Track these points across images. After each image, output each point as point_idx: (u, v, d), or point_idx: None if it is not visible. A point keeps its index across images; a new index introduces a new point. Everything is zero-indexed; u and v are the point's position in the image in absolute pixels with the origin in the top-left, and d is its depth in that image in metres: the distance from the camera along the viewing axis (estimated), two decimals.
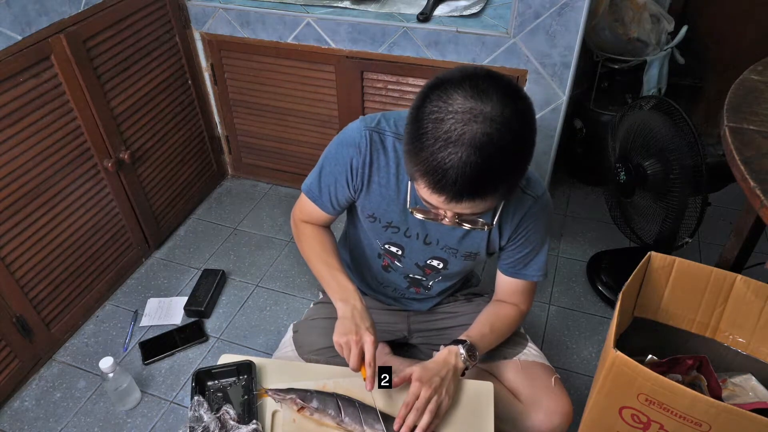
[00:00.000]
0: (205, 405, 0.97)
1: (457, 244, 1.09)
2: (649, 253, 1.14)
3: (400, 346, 1.37)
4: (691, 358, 1.15)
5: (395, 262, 1.19)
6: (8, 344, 1.57)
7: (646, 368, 0.92)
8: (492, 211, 0.96)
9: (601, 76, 2.13)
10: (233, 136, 2.33)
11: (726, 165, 1.09)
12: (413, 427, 0.94)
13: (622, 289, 1.06)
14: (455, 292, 1.34)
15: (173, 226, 2.19)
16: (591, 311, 1.86)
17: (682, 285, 1.16)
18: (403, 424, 0.94)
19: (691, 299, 1.17)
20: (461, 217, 0.89)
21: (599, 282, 1.91)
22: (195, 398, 0.99)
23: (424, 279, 1.21)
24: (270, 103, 2.14)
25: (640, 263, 1.13)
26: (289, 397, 0.99)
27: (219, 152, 2.38)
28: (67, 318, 1.76)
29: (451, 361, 1.02)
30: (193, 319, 1.84)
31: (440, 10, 1.76)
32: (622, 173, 1.63)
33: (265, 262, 2.06)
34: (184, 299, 1.88)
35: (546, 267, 1.13)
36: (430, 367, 1.01)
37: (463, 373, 1.04)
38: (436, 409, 0.96)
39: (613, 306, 1.83)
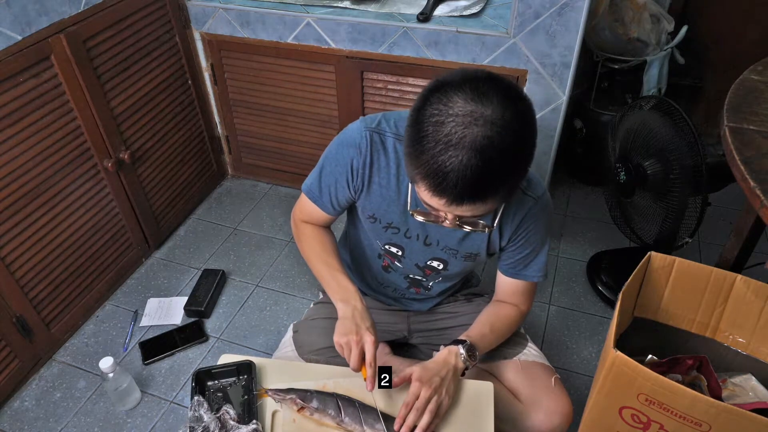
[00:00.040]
0: (205, 405, 0.97)
1: (458, 245, 1.09)
2: (649, 253, 1.14)
3: (400, 346, 1.37)
4: (691, 358, 1.15)
5: (395, 263, 1.19)
6: (8, 344, 1.58)
7: (646, 368, 0.92)
8: (492, 213, 0.95)
9: (601, 76, 2.12)
10: (233, 136, 2.33)
11: (726, 165, 1.09)
12: (413, 427, 0.94)
13: (622, 289, 1.06)
14: (455, 293, 1.34)
15: (173, 226, 2.19)
16: (591, 311, 1.86)
17: (682, 285, 1.16)
18: (403, 424, 0.95)
19: (691, 299, 1.17)
20: (462, 220, 0.89)
21: (599, 282, 1.91)
22: (195, 398, 0.99)
23: (424, 279, 1.21)
24: (270, 103, 2.14)
25: (640, 263, 1.13)
26: (289, 397, 0.99)
27: (219, 152, 2.38)
28: (67, 318, 1.76)
29: (451, 361, 1.02)
30: (193, 319, 1.84)
31: (440, 10, 1.76)
32: (622, 173, 1.63)
33: (265, 262, 2.07)
34: (184, 299, 1.88)
35: (546, 267, 1.14)
36: (430, 367, 1.01)
37: (463, 373, 1.04)
38: (436, 409, 0.96)
39: (613, 306, 1.83)
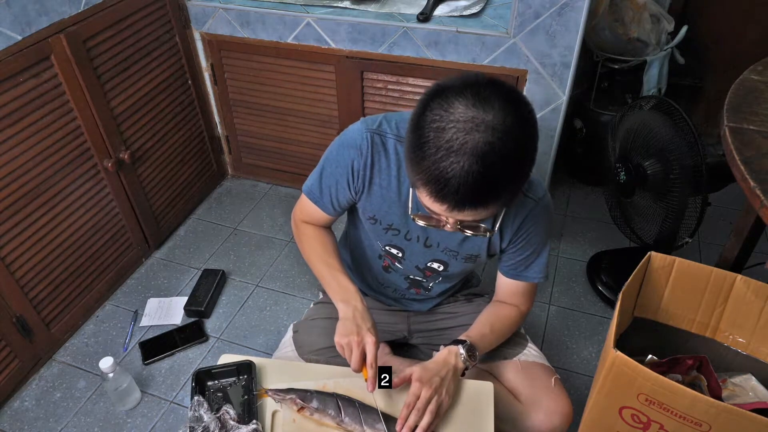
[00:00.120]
0: (205, 405, 0.97)
1: (458, 247, 1.09)
2: (649, 253, 1.14)
3: (400, 346, 1.37)
4: (691, 358, 1.15)
5: (396, 264, 1.19)
6: (8, 344, 1.58)
7: (646, 368, 0.92)
8: (493, 217, 0.95)
9: (601, 76, 2.12)
10: (233, 136, 2.33)
11: (726, 165, 1.09)
12: (414, 427, 0.94)
13: (622, 289, 1.06)
14: (455, 293, 1.34)
15: (173, 226, 2.19)
16: (591, 311, 1.86)
17: (682, 285, 1.16)
18: (405, 425, 0.94)
19: (691, 299, 1.17)
20: (463, 224, 0.89)
21: (599, 282, 1.91)
22: (195, 398, 0.99)
23: (425, 281, 1.21)
24: (270, 103, 2.14)
25: (640, 263, 1.13)
26: (289, 397, 0.99)
27: (219, 152, 2.38)
28: (67, 318, 1.76)
29: (451, 361, 1.03)
30: (193, 319, 1.84)
31: (440, 10, 1.76)
32: (622, 173, 1.63)
33: (265, 262, 2.07)
34: (184, 299, 1.88)
35: (547, 268, 1.13)
36: (430, 368, 1.01)
37: (463, 373, 1.04)
38: (437, 409, 0.96)
39: (613, 306, 1.83)
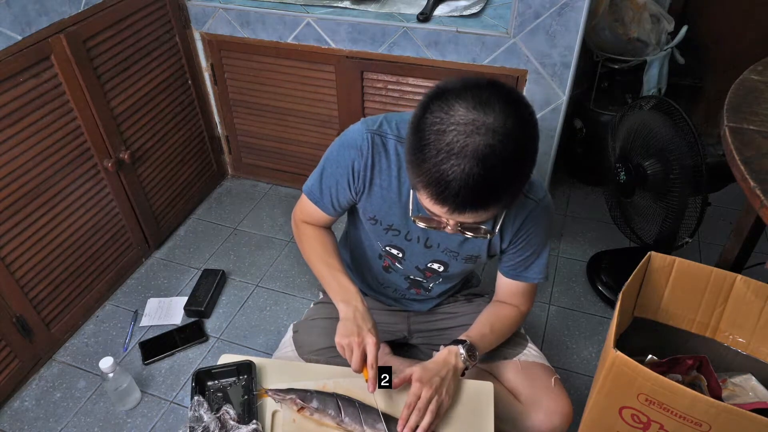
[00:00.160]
0: (205, 405, 0.97)
1: (458, 248, 1.09)
2: (649, 253, 1.14)
3: (400, 346, 1.37)
4: (691, 358, 1.15)
5: (396, 264, 1.19)
6: (8, 344, 1.58)
7: (646, 368, 0.92)
8: (493, 219, 0.95)
9: (601, 76, 2.12)
10: (233, 136, 2.33)
11: (726, 165, 1.09)
12: (415, 428, 0.94)
13: (622, 289, 1.06)
14: (455, 293, 1.34)
15: (173, 226, 2.19)
16: (591, 311, 1.86)
17: (682, 285, 1.16)
18: (406, 425, 0.94)
19: (691, 299, 1.17)
20: (463, 226, 0.89)
21: (599, 282, 1.91)
22: (195, 398, 0.99)
23: (425, 281, 1.21)
24: (270, 103, 2.14)
25: (640, 263, 1.13)
26: (289, 397, 0.99)
27: (219, 152, 2.38)
28: (67, 318, 1.76)
29: (451, 361, 1.03)
30: (193, 319, 1.84)
31: (440, 10, 1.76)
32: (622, 173, 1.63)
33: (265, 262, 2.07)
34: (184, 299, 1.88)
35: (547, 269, 1.13)
36: (430, 368, 1.01)
37: (463, 373, 1.04)
38: (437, 409, 0.96)
39: (613, 306, 1.83)
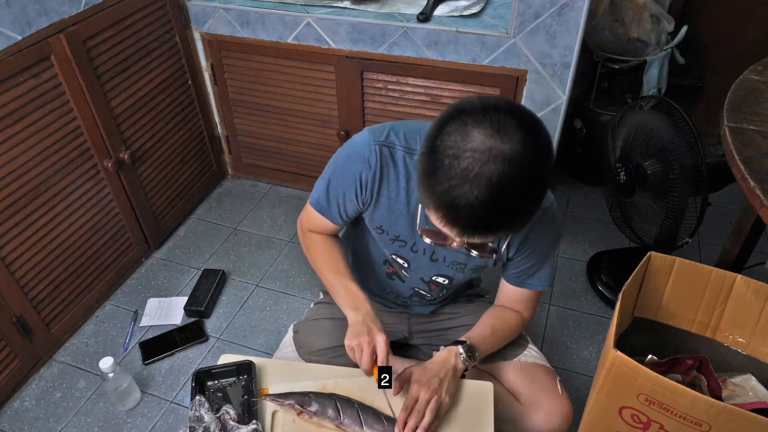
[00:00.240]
0: (206, 405, 0.97)
1: (466, 260, 1.08)
2: (649, 253, 1.14)
3: (401, 346, 1.37)
4: (691, 358, 1.15)
5: (401, 272, 1.18)
6: (8, 344, 1.58)
7: (646, 368, 0.92)
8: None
9: (601, 76, 2.12)
10: (233, 136, 2.33)
11: (726, 165, 1.09)
12: (415, 429, 0.94)
13: (622, 289, 1.06)
14: (457, 295, 1.34)
15: (173, 226, 2.19)
16: (591, 311, 1.86)
17: (682, 285, 1.16)
18: (405, 427, 0.94)
19: (691, 299, 1.17)
20: (470, 244, 0.87)
21: (599, 282, 1.91)
22: (197, 398, 0.98)
23: (428, 294, 1.20)
24: (270, 103, 2.14)
25: (640, 263, 1.13)
26: (287, 402, 0.99)
27: (219, 152, 2.38)
28: (67, 318, 1.76)
29: (451, 361, 1.02)
30: (193, 319, 1.84)
31: (440, 10, 1.76)
32: (622, 173, 1.63)
33: (265, 262, 2.06)
34: (184, 299, 1.88)
35: (552, 277, 1.12)
36: (429, 368, 1.01)
37: (463, 374, 1.04)
38: (437, 409, 0.96)
39: (613, 306, 1.83)
